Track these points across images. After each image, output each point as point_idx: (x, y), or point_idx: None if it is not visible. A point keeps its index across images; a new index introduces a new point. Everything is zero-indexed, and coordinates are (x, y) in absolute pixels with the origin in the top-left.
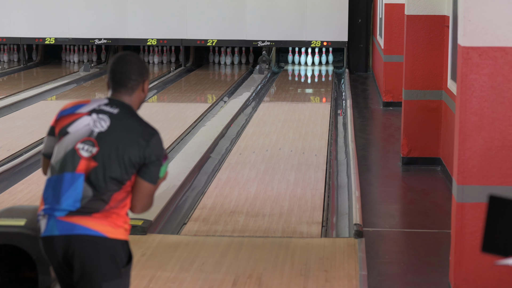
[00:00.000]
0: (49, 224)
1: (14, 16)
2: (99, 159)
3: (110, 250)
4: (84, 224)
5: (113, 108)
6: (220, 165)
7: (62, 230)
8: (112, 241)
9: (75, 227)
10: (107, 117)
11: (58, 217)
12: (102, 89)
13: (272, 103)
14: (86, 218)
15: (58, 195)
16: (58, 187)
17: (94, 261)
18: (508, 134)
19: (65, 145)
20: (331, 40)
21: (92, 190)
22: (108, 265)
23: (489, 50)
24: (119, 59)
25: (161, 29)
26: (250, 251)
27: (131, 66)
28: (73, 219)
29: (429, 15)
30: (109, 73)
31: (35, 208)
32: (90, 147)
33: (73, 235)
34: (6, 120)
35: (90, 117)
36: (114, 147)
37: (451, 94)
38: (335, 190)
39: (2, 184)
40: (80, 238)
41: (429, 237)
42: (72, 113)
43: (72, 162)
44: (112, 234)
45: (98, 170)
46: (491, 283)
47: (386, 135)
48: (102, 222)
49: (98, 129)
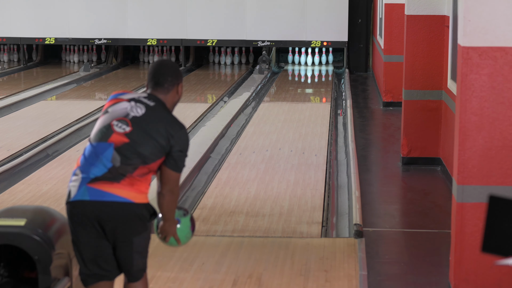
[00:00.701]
0: (80, 190)
1: (14, 16)
2: (131, 137)
3: (137, 212)
4: (113, 191)
5: (150, 101)
6: (220, 165)
7: (93, 196)
8: (138, 205)
9: (105, 194)
10: (144, 107)
11: (89, 184)
12: (102, 89)
13: (272, 103)
14: (114, 185)
15: (90, 163)
16: (92, 156)
17: (124, 223)
18: (508, 134)
19: (103, 121)
20: (331, 40)
21: (120, 160)
22: (136, 224)
23: (489, 50)
24: (158, 63)
25: (161, 29)
26: (250, 251)
27: (168, 70)
28: (102, 186)
29: (429, 15)
30: (148, 75)
31: (35, 208)
32: (124, 125)
33: (103, 201)
34: (6, 120)
35: (129, 103)
36: (145, 131)
37: (451, 94)
38: (335, 190)
39: (2, 184)
40: (110, 205)
41: (429, 237)
42: (115, 98)
43: (106, 134)
44: (137, 199)
45: (128, 145)
46: (491, 283)
47: (386, 135)
48: (128, 189)
49: (134, 114)
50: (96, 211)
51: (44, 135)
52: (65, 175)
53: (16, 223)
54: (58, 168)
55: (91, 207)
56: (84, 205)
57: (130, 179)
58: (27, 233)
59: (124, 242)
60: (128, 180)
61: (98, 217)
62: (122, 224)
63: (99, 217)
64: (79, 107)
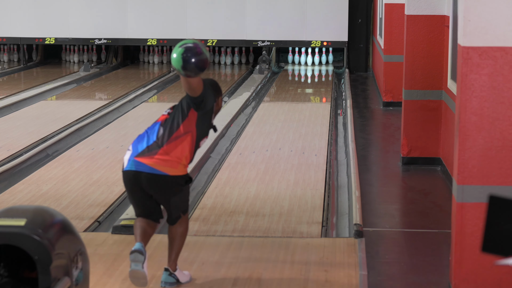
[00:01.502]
0: (129, 162)
1: (14, 16)
2: (170, 113)
3: (172, 182)
4: (152, 165)
5: None
6: (220, 165)
7: (137, 167)
8: (173, 177)
9: (146, 167)
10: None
11: (135, 157)
12: (102, 89)
13: (272, 103)
14: (154, 159)
15: (138, 140)
16: (141, 135)
17: (160, 190)
18: (508, 134)
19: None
20: (331, 40)
21: (163, 130)
22: (171, 190)
23: (489, 50)
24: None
25: (161, 29)
26: (250, 251)
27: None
28: (144, 159)
29: (429, 15)
30: None
31: (35, 208)
32: (168, 110)
33: (144, 172)
34: (6, 120)
35: None
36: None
37: (451, 94)
38: (335, 190)
39: (2, 184)
40: (147, 176)
41: (429, 237)
42: None
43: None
44: (172, 172)
45: (168, 119)
46: (491, 283)
47: (386, 135)
48: (164, 163)
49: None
50: (139, 180)
51: (44, 135)
52: (65, 175)
53: (16, 223)
54: (58, 168)
55: (135, 176)
56: (131, 174)
57: (166, 149)
58: (27, 233)
59: (162, 201)
60: (164, 150)
61: (140, 184)
62: (158, 191)
63: (141, 184)
64: (79, 107)
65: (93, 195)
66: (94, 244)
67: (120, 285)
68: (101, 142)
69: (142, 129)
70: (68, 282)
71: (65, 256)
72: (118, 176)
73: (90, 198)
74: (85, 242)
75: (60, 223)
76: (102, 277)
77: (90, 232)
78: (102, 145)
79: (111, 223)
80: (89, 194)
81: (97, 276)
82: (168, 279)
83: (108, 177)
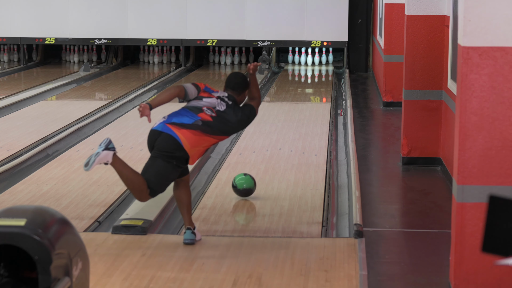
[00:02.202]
0: (160, 124)
1: (14, 16)
2: (213, 119)
3: (176, 150)
4: (176, 131)
5: (229, 100)
6: (220, 165)
7: (163, 129)
8: (182, 148)
9: (169, 130)
10: (225, 104)
11: (166, 124)
12: (102, 89)
13: (272, 103)
14: (180, 130)
15: (174, 115)
16: (178, 114)
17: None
18: (508, 134)
19: (197, 104)
20: (331, 40)
21: (201, 125)
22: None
23: (489, 50)
24: (234, 74)
25: (161, 29)
26: (250, 251)
27: (241, 80)
28: (173, 127)
29: (429, 15)
30: (228, 81)
31: (35, 208)
32: (210, 112)
33: (164, 132)
34: (6, 120)
35: (217, 100)
36: (223, 120)
37: (451, 94)
38: (335, 190)
39: (2, 184)
40: (166, 135)
41: (429, 237)
42: (209, 93)
43: (196, 111)
44: (185, 146)
45: (208, 122)
46: (491, 283)
47: (386, 135)
48: (186, 137)
49: (218, 108)
50: (156, 137)
51: (44, 135)
52: (65, 175)
53: (16, 223)
54: (58, 168)
55: (156, 135)
56: (156, 132)
57: (192, 132)
58: (27, 233)
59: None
60: (191, 132)
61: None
62: (162, 150)
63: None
64: (79, 107)
65: (93, 195)
66: (94, 244)
67: (120, 285)
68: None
69: (142, 129)
70: (68, 282)
71: (65, 256)
72: (118, 176)
73: (90, 198)
74: (85, 242)
75: (60, 223)
76: (102, 277)
77: (90, 232)
78: None
79: (111, 223)
80: (89, 194)
81: (97, 276)
82: (192, 236)
83: (108, 177)
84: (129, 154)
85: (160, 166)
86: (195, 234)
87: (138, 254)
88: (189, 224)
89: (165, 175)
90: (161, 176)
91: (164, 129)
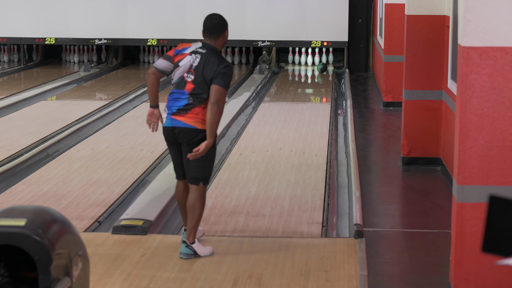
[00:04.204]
0: (167, 120)
1: (14, 16)
2: (195, 82)
3: (200, 135)
4: (184, 120)
5: (203, 49)
6: (220, 165)
7: (173, 123)
8: (202, 131)
9: (179, 122)
10: (200, 55)
11: (171, 115)
12: (102, 89)
13: (272, 103)
14: (186, 116)
15: (174, 102)
16: (175, 98)
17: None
18: (508, 134)
19: (179, 74)
20: (331, 40)
21: (192, 100)
22: (198, 143)
23: (489, 50)
24: (209, 17)
25: (161, 29)
26: (250, 251)
27: (216, 22)
28: (178, 117)
29: (429, 15)
30: (203, 26)
31: (35, 208)
32: (190, 75)
33: (178, 127)
34: (6, 120)
35: (191, 56)
36: (201, 74)
37: (451, 94)
38: (335, 190)
39: (2, 184)
40: (182, 130)
41: (429, 237)
42: (181, 53)
43: (182, 84)
44: (201, 126)
45: (195, 89)
46: (491, 283)
47: (386, 135)
48: (194, 119)
49: (195, 64)
50: (174, 133)
51: (44, 135)
52: (65, 175)
53: (16, 223)
54: (58, 168)
55: (171, 131)
56: (168, 130)
57: (196, 110)
58: (27, 233)
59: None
60: (196, 110)
61: (175, 137)
62: (191, 141)
63: (176, 137)
64: (79, 107)
65: (93, 195)
66: (94, 244)
67: (120, 285)
68: (101, 142)
69: (142, 129)
70: (68, 282)
71: (65, 256)
72: (118, 176)
73: (90, 198)
74: (85, 242)
75: (60, 223)
76: (102, 277)
77: (90, 232)
78: (102, 145)
79: (111, 223)
80: (89, 194)
81: (97, 276)
82: (185, 250)
83: (108, 177)
84: (129, 154)
85: (207, 157)
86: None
87: (138, 254)
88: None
89: (212, 160)
90: (213, 162)
91: (174, 124)
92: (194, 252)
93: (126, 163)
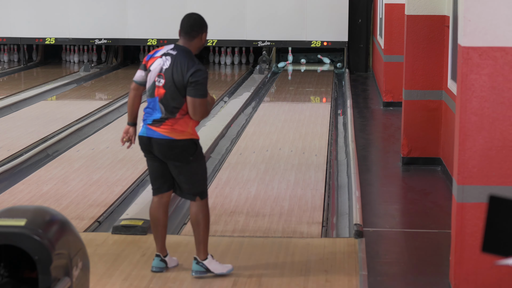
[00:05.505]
0: (142, 128)
1: (14, 16)
2: (166, 87)
3: (178, 147)
4: (160, 131)
5: (175, 51)
6: (220, 165)
7: (148, 133)
8: (179, 141)
9: (154, 133)
10: (170, 58)
11: (147, 125)
12: (102, 89)
13: (272, 103)
14: (161, 127)
15: (148, 112)
16: (149, 108)
17: (169, 154)
18: (508, 134)
19: (150, 79)
20: (331, 40)
21: (164, 108)
22: (180, 154)
23: (489, 50)
24: (187, 16)
25: (161, 29)
26: (250, 251)
27: (194, 21)
28: (154, 127)
29: (429, 15)
30: (180, 26)
31: (35, 208)
32: (161, 79)
33: (152, 137)
34: (6, 120)
35: (161, 58)
36: (171, 78)
37: (451, 94)
38: (335, 190)
39: (2, 184)
40: (157, 141)
41: (429, 237)
42: (153, 57)
43: (153, 90)
44: (178, 137)
45: (166, 95)
46: (491, 283)
47: (386, 135)
48: (170, 130)
49: (165, 67)
50: (149, 144)
51: (44, 135)
52: (65, 175)
53: (16, 223)
54: (58, 168)
55: (146, 141)
56: (144, 139)
57: (171, 121)
58: (27, 233)
59: (174, 168)
60: (170, 122)
61: (152, 149)
62: (167, 154)
63: (153, 150)
64: (79, 107)
65: (93, 195)
66: (94, 244)
67: (120, 285)
68: (101, 142)
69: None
70: (68, 282)
71: (65, 256)
72: (118, 176)
73: (90, 198)
74: (85, 242)
75: (60, 223)
76: (102, 277)
77: (90, 232)
78: (102, 145)
79: (111, 223)
80: (89, 194)
81: (97, 276)
82: (196, 267)
83: (108, 177)
84: (129, 154)
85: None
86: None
87: (138, 254)
88: (160, 251)
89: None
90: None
91: (149, 134)
92: (206, 269)
93: (126, 163)
